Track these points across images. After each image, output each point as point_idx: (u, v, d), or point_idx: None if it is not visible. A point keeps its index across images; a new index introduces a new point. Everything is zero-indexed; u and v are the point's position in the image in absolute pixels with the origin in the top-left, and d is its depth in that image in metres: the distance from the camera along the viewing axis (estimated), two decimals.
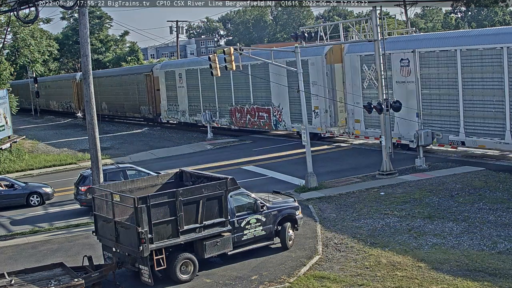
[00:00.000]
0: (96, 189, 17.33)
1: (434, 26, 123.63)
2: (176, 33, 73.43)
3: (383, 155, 26.53)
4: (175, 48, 78.07)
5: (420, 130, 28.18)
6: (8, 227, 23.93)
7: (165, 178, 18.58)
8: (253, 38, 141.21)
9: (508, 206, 20.60)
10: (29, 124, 68.10)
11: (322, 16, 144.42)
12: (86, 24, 20.43)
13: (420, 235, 18.48)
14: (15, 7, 21.27)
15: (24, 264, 18.14)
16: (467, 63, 27.23)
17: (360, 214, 21.09)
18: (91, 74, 20.62)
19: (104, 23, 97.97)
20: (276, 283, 15.59)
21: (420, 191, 23.33)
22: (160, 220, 15.56)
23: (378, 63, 26.48)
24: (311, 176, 25.39)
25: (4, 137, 40.80)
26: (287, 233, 18.08)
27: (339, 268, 16.32)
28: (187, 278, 16.10)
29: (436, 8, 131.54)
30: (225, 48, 27.02)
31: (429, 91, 29.14)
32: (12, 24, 46.70)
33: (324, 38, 28.49)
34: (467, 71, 27.29)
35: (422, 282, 14.90)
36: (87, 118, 20.86)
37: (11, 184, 27.52)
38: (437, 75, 28.78)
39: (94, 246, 18.89)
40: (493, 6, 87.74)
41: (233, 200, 17.32)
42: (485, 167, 26.67)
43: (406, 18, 62.20)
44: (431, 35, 33.84)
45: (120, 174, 24.52)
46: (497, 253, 16.60)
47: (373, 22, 26.20)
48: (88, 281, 15.24)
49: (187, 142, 43.29)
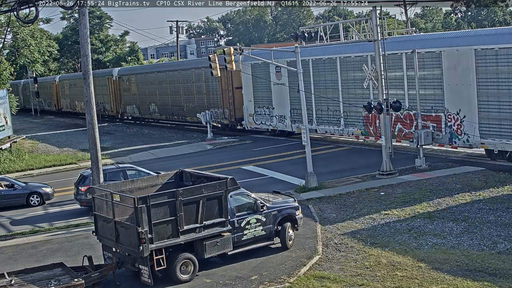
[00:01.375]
0: (96, 189, 17.33)
1: (434, 26, 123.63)
2: (176, 33, 73.55)
3: (383, 155, 26.53)
4: (175, 48, 78.15)
5: (420, 130, 28.18)
6: (8, 227, 23.93)
7: (165, 178, 18.58)
8: (253, 38, 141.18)
9: (508, 206, 20.60)
10: (29, 124, 68.10)
11: (322, 16, 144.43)
12: (86, 24, 20.43)
13: (420, 235, 18.49)
14: (15, 7, 21.27)
15: (24, 264, 18.14)
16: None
17: (360, 214, 21.09)
18: (91, 74, 20.61)
19: (104, 23, 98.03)
20: (276, 283, 15.59)
21: (420, 191, 23.33)
22: (160, 220, 15.56)
23: (378, 63, 26.48)
24: (311, 176, 25.39)
25: (4, 137, 40.82)
26: (287, 233, 18.08)
27: (339, 268, 16.32)
28: (187, 278, 16.11)
29: (436, 8, 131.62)
30: (225, 48, 27.03)
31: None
32: (12, 24, 46.71)
33: (324, 38, 28.50)
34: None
35: (422, 282, 14.90)
36: (87, 118, 20.85)
37: (11, 184, 27.52)
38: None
39: (94, 246, 18.89)
40: (493, 6, 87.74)
41: (233, 200, 17.32)
42: (485, 167, 26.67)
43: (406, 18, 62.24)
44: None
45: (120, 174, 24.53)
46: (497, 253, 16.61)
47: (373, 22, 26.20)
48: (88, 281, 15.24)
49: (187, 142, 43.29)
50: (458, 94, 27.98)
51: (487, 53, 26.51)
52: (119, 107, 61.77)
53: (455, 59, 27.91)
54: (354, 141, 36.24)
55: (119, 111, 61.97)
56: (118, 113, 62.26)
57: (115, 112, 62.48)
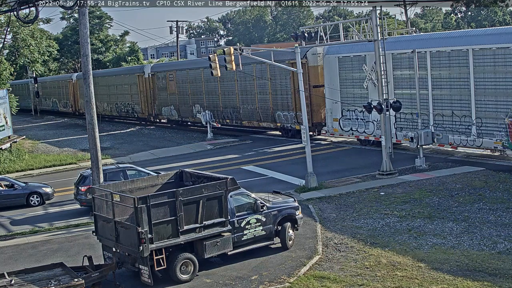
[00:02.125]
0: (96, 189, 17.32)
1: (434, 26, 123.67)
2: (176, 33, 73.52)
3: (383, 155, 26.53)
4: (175, 48, 78.15)
5: (420, 130, 28.17)
6: (8, 227, 23.93)
7: (165, 178, 18.58)
8: (253, 38, 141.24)
9: (508, 206, 20.60)
10: (29, 124, 68.10)
11: (322, 16, 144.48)
12: (86, 24, 20.42)
13: (420, 235, 18.48)
14: (15, 7, 21.26)
15: (24, 264, 18.14)
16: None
17: (360, 214, 21.09)
18: (91, 74, 20.60)
19: (104, 23, 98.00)
20: (276, 283, 15.59)
21: (420, 191, 23.33)
22: (160, 220, 15.55)
23: (378, 63, 26.48)
24: (311, 176, 25.39)
25: (4, 137, 40.83)
26: (287, 233, 18.08)
27: (339, 268, 16.32)
28: (187, 278, 16.10)
29: (436, 8, 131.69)
30: (225, 48, 27.02)
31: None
32: (12, 24, 46.75)
33: (324, 38, 28.50)
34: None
35: (422, 282, 14.90)
36: (87, 118, 20.83)
37: (11, 184, 27.52)
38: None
39: (94, 246, 18.89)
40: (493, 6, 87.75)
41: (233, 200, 17.32)
42: (485, 167, 26.67)
43: (406, 18, 62.12)
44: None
45: (120, 174, 24.53)
46: (497, 253, 16.60)
47: (373, 22, 26.20)
48: (88, 281, 15.24)
49: (187, 142, 43.29)
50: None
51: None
52: (152, 108, 55.21)
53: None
54: (354, 141, 36.03)
55: (151, 112, 55.30)
56: (150, 115, 55.71)
57: (146, 114, 55.92)
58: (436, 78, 28.86)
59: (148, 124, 56.78)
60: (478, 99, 27.09)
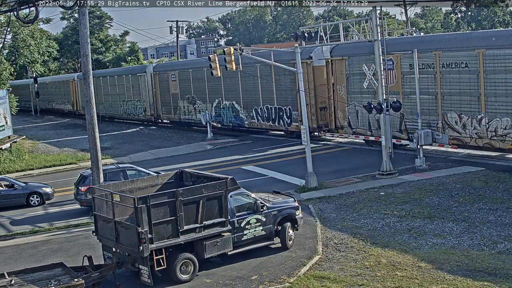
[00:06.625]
0: (96, 189, 17.32)
1: (434, 26, 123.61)
2: (176, 33, 73.50)
3: (383, 155, 26.53)
4: (175, 48, 78.13)
5: (420, 130, 28.17)
6: (8, 227, 23.93)
7: (165, 178, 18.58)
8: (253, 38, 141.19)
9: (508, 206, 20.60)
10: (29, 124, 68.08)
11: (322, 16, 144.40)
12: (86, 24, 20.43)
13: (420, 235, 18.48)
14: (15, 7, 21.28)
15: (24, 264, 18.13)
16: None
17: (360, 214, 21.09)
18: (91, 74, 20.61)
19: (104, 23, 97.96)
20: (276, 283, 15.59)
21: (420, 191, 23.33)
22: (160, 220, 15.55)
23: (378, 63, 26.47)
24: (311, 176, 25.39)
25: (4, 137, 40.83)
26: (287, 233, 18.08)
27: (339, 268, 16.31)
28: (187, 278, 16.10)
29: (436, 8, 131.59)
30: (225, 48, 27.01)
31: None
32: (12, 24, 46.73)
33: (324, 38, 28.49)
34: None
35: (422, 282, 14.90)
36: (87, 118, 20.85)
37: (11, 184, 27.52)
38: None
39: (94, 246, 18.89)
40: (493, 6, 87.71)
41: (233, 200, 17.32)
42: (485, 167, 26.66)
43: (406, 18, 62.14)
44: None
45: (120, 174, 24.53)
46: (497, 253, 16.60)
47: (373, 22, 26.20)
48: (88, 281, 15.24)
49: (187, 142, 43.27)
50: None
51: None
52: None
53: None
54: (354, 141, 36.12)
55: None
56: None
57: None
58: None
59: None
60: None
